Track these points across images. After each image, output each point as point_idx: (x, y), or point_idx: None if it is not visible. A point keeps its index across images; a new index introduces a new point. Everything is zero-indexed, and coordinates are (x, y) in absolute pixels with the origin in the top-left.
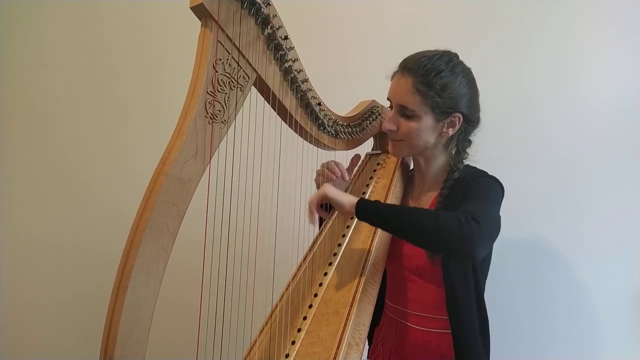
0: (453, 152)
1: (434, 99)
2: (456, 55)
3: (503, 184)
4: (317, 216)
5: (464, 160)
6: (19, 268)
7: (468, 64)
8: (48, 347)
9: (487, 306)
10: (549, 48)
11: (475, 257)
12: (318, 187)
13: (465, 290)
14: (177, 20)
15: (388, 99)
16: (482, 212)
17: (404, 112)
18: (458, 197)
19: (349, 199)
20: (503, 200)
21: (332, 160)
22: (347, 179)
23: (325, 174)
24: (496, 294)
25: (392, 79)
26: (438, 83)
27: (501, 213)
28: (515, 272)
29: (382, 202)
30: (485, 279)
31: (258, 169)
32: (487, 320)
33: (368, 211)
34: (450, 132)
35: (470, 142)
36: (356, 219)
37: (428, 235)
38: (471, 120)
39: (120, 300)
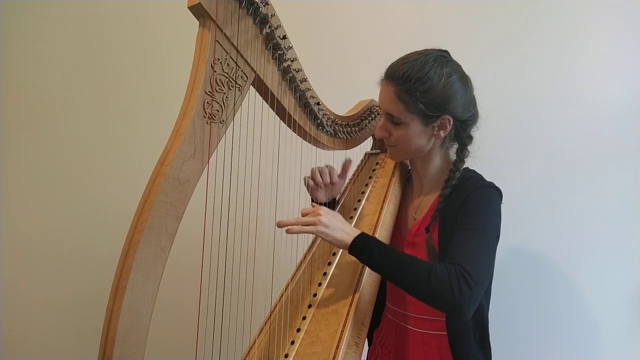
0: (453, 150)
1: (417, 105)
2: (443, 55)
3: (503, 185)
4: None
5: (465, 159)
6: (18, 268)
7: (468, 64)
8: (47, 347)
9: (488, 306)
10: (549, 48)
11: (463, 320)
12: (308, 189)
13: None
14: (176, 20)
15: (378, 106)
16: (476, 264)
17: (391, 119)
18: (456, 205)
19: (342, 239)
20: (503, 202)
21: (326, 168)
22: (336, 183)
23: (317, 181)
24: (496, 295)
25: (379, 85)
26: (419, 89)
27: (501, 214)
28: (515, 273)
29: (382, 204)
30: (488, 290)
31: (257, 169)
32: (487, 328)
33: (361, 255)
34: (442, 134)
35: (471, 137)
36: (355, 218)
37: (419, 293)
38: (464, 119)
39: (118, 301)
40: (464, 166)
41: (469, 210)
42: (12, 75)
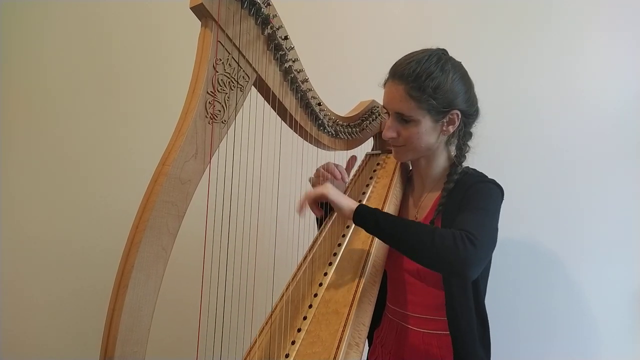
0: (455, 146)
1: (428, 101)
2: (444, 52)
3: (503, 184)
4: (306, 209)
5: (466, 155)
6: (19, 268)
7: (468, 63)
8: (48, 346)
9: (487, 306)
10: (549, 48)
11: (468, 279)
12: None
13: (464, 295)
14: (177, 20)
15: (384, 107)
16: (478, 229)
17: (401, 118)
18: (458, 200)
19: (348, 204)
20: (503, 201)
21: (331, 162)
22: (347, 180)
23: (323, 176)
24: (495, 294)
25: (384, 87)
26: (430, 85)
27: (501, 213)
28: (514, 272)
29: (382, 204)
30: (486, 284)
31: (258, 169)
32: (487, 324)
33: (366, 219)
34: (451, 129)
35: (471, 134)
36: None
37: (423, 251)
38: (470, 114)
39: (120, 300)
40: (465, 163)
41: (471, 197)
42: (12, 75)
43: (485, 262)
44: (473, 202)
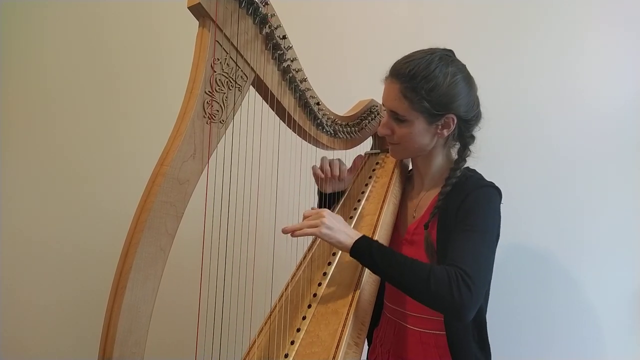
0: (455, 150)
1: (421, 103)
2: (448, 54)
3: (503, 185)
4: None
5: (467, 158)
6: (18, 269)
7: (468, 64)
8: (47, 347)
9: (487, 306)
10: (549, 48)
11: (464, 322)
12: (317, 180)
13: None
14: (175, 20)
15: (382, 103)
16: (475, 266)
17: (396, 117)
18: (456, 203)
19: (345, 241)
20: (503, 202)
21: (337, 159)
22: (344, 178)
23: (326, 173)
24: (495, 294)
25: (384, 83)
26: (424, 88)
27: (501, 214)
28: (514, 272)
29: (382, 203)
30: (487, 291)
31: (256, 169)
32: (484, 326)
33: (362, 257)
34: (445, 133)
35: (473, 137)
36: (355, 218)
37: (419, 295)
38: (468, 119)
39: (118, 301)
40: (465, 165)
41: (469, 210)
42: (12, 75)
43: (482, 299)
44: (471, 217)
